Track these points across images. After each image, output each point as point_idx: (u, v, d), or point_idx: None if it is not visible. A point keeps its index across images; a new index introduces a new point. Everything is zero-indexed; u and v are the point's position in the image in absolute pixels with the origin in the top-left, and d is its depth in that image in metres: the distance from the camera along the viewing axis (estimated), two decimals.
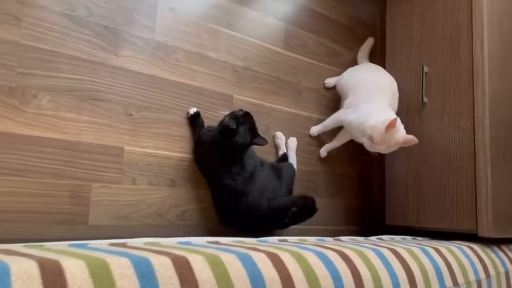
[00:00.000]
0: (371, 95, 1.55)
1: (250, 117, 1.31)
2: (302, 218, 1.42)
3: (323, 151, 1.73)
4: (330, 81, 1.79)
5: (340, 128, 1.69)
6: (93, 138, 1.20)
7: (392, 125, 1.35)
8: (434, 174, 1.59)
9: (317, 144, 1.74)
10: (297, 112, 1.69)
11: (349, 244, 1.00)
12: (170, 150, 1.34)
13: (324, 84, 1.79)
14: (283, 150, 1.58)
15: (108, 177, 1.22)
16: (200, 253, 0.68)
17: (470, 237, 1.43)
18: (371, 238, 1.37)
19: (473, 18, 1.51)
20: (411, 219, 1.66)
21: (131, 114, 1.27)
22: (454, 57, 1.56)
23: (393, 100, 1.61)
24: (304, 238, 1.18)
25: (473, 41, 1.50)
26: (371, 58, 1.88)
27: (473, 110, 1.48)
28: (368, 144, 1.43)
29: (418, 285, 0.97)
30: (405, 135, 1.41)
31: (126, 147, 1.26)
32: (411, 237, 1.50)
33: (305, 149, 1.69)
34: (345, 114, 1.61)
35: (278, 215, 1.37)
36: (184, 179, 1.36)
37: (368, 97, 1.55)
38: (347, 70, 1.76)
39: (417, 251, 1.07)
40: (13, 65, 1.10)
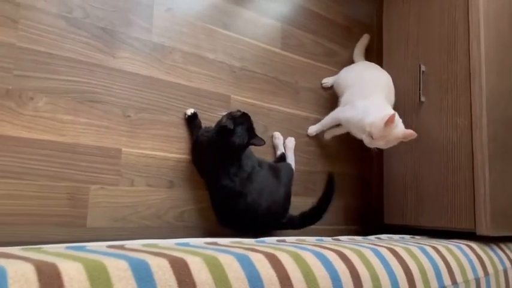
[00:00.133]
0: (367, 91, 1.57)
1: (247, 117, 1.31)
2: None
3: (327, 135, 1.75)
4: (328, 80, 1.79)
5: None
6: (90, 140, 1.20)
7: (391, 121, 1.36)
8: (432, 173, 1.59)
9: (315, 144, 1.74)
10: (295, 112, 1.69)
11: (347, 244, 1.00)
12: (168, 151, 1.34)
13: (322, 84, 1.79)
14: (281, 150, 1.58)
15: (106, 179, 1.21)
16: (198, 254, 0.68)
17: (468, 235, 1.43)
18: (370, 237, 1.37)
19: (469, 17, 1.52)
20: (410, 218, 1.66)
21: (129, 115, 1.27)
22: (451, 56, 1.57)
23: (389, 95, 1.62)
24: (302, 238, 1.18)
25: (469, 40, 1.51)
26: (368, 57, 1.88)
27: (470, 109, 1.48)
28: (368, 140, 1.44)
29: (417, 284, 0.97)
30: (404, 130, 1.42)
31: (124, 148, 1.25)
32: (410, 236, 1.50)
33: (303, 149, 1.69)
34: (342, 111, 1.62)
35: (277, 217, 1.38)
36: (182, 180, 1.36)
37: (364, 93, 1.56)
38: (343, 69, 1.77)
39: (416, 250, 1.07)
40: (10, 68, 1.09)
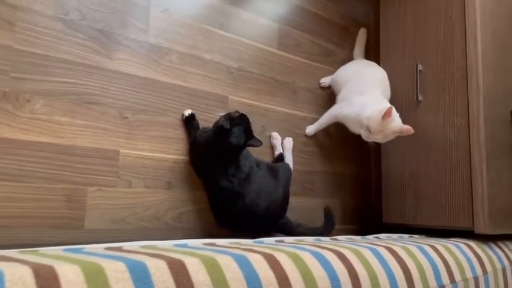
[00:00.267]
0: (364, 88, 1.58)
1: (246, 119, 1.31)
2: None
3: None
4: (325, 80, 1.79)
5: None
6: (88, 142, 1.20)
7: (388, 114, 1.37)
8: (430, 172, 1.60)
9: (313, 144, 1.74)
10: (293, 112, 1.69)
11: (345, 243, 1.01)
12: (166, 152, 1.34)
13: (319, 83, 1.79)
14: (279, 150, 1.58)
15: (103, 180, 1.21)
16: (196, 255, 0.68)
17: (466, 234, 1.44)
18: (368, 237, 1.37)
19: (466, 16, 1.52)
20: (408, 217, 1.66)
21: (126, 117, 1.27)
22: (448, 55, 1.57)
23: (386, 91, 1.64)
24: (301, 238, 1.18)
25: (466, 39, 1.51)
26: (366, 57, 1.89)
27: (467, 108, 1.48)
28: (365, 134, 1.45)
29: (415, 283, 0.97)
30: (401, 124, 1.43)
31: (121, 150, 1.25)
32: (408, 235, 1.51)
33: (301, 149, 1.69)
34: (340, 108, 1.63)
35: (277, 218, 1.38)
36: (180, 181, 1.36)
37: (361, 89, 1.57)
38: (341, 67, 1.78)
39: (414, 249, 1.07)
40: (6, 70, 1.09)
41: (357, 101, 1.53)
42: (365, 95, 1.54)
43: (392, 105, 1.41)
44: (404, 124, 1.43)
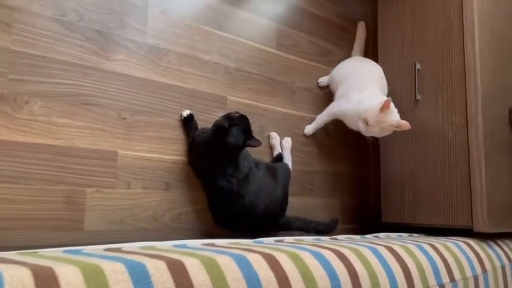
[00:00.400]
0: (362, 84, 1.59)
1: (245, 119, 1.30)
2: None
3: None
4: (324, 80, 1.79)
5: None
6: (86, 143, 1.20)
7: (386, 106, 1.38)
8: (429, 171, 1.60)
9: (312, 143, 1.74)
10: (291, 112, 1.69)
11: (345, 243, 1.00)
12: (164, 153, 1.34)
13: (318, 83, 1.79)
14: (278, 150, 1.58)
15: (102, 182, 1.21)
16: (195, 256, 0.68)
17: (466, 232, 1.44)
18: (367, 236, 1.37)
19: (463, 14, 1.52)
20: (407, 216, 1.66)
21: (125, 118, 1.27)
22: (446, 54, 1.57)
23: (383, 87, 1.65)
24: (300, 238, 1.18)
25: (464, 38, 1.51)
26: (364, 56, 1.89)
27: (466, 107, 1.48)
28: (363, 127, 1.47)
29: (415, 282, 0.97)
30: (399, 118, 1.44)
31: (119, 151, 1.25)
32: (407, 234, 1.51)
33: (300, 149, 1.69)
34: (338, 105, 1.63)
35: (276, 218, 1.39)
36: (179, 182, 1.35)
37: (359, 86, 1.58)
38: (338, 65, 1.78)
39: (413, 248, 1.07)
40: (4, 72, 1.09)
41: (355, 97, 1.54)
42: (363, 91, 1.55)
43: (387, 90, 1.42)
44: (406, 122, 1.44)
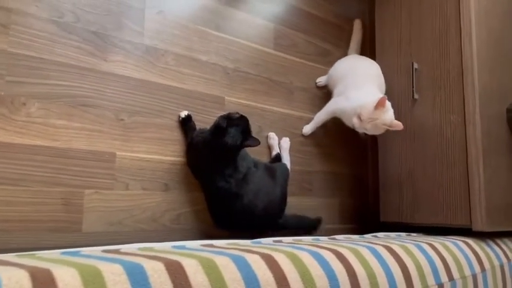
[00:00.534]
0: (360, 82, 1.59)
1: (245, 120, 1.30)
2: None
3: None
4: (322, 79, 1.79)
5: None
6: (84, 144, 1.19)
7: (381, 103, 1.39)
8: (427, 170, 1.60)
9: (310, 143, 1.74)
10: (289, 112, 1.69)
11: (344, 243, 1.00)
12: (162, 154, 1.33)
13: (316, 83, 1.79)
14: (276, 150, 1.58)
15: (100, 183, 1.21)
16: (193, 257, 0.68)
17: (464, 232, 1.44)
18: (366, 236, 1.37)
19: (461, 14, 1.52)
20: (406, 215, 1.66)
21: (122, 119, 1.27)
22: (443, 53, 1.57)
23: (381, 85, 1.66)
24: (299, 238, 1.18)
25: (461, 37, 1.51)
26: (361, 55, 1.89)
27: (463, 105, 1.48)
28: (357, 123, 1.48)
29: (414, 281, 0.97)
30: (393, 118, 1.45)
31: (118, 152, 1.25)
32: (406, 233, 1.51)
33: (298, 149, 1.69)
34: (335, 103, 1.64)
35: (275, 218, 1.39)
36: (177, 183, 1.35)
37: (357, 84, 1.59)
38: (335, 63, 1.78)
39: (412, 247, 1.07)
40: (1, 73, 1.09)
41: (353, 95, 1.54)
42: (361, 89, 1.55)
43: (385, 88, 1.43)
44: (401, 121, 1.45)
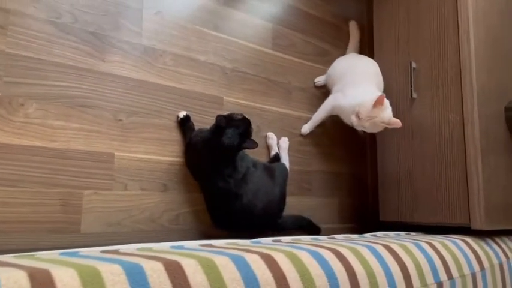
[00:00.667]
0: (358, 80, 1.60)
1: (246, 122, 1.30)
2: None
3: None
4: (320, 79, 1.79)
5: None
6: (82, 145, 1.19)
7: (380, 102, 1.39)
8: (426, 169, 1.60)
9: (309, 143, 1.74)
10: (288, 112, 1.69)
11: (343, 242, 1.00)
12: (161, 154, 1.33)
13: (314, 83, 1.79)
14: (275, 150, 1.58)
15: (99, 183, 1.21)
16: (193, 256, 0.68)
17: (463, 230, 1.44)
18: (365, 235, 1.37)
19: (458, 13, 1.52)
20: (405, 215, 1.66)
21: (121, 119, 1.27)
22: (442, 52, 1.58)
23: (379, 84, 1.66)
24: (298, 238, 1.18)
25: (459, 36, 1.51)
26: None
27: (462, 104, 1.49)
28: (355, 121, 1.48)
29: (413, 280, 0.97)
30: (391, 116, 1.45)
31: (116, 153, 1.25)
32: (405, 232, 1.51)
33: (297, 149, 1.69)
34: (334, 99, 1.64)
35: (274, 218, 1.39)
36: (176, 183, 1.35)
37: (355, 82, 1.59)
38: (334, 62, 1.78)
39: (411, 246, 1.07)
40: None
41: (351, 93, 1.55)
42: (359, 87, 1.55)
43: (383, 86, 1.43)
44: (398, 120, 1.44)
